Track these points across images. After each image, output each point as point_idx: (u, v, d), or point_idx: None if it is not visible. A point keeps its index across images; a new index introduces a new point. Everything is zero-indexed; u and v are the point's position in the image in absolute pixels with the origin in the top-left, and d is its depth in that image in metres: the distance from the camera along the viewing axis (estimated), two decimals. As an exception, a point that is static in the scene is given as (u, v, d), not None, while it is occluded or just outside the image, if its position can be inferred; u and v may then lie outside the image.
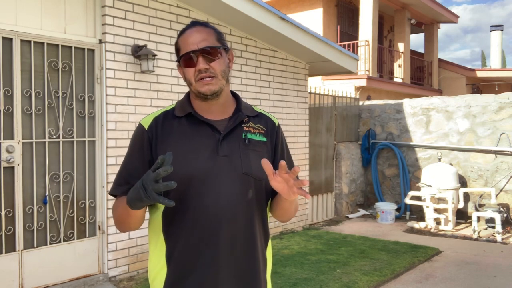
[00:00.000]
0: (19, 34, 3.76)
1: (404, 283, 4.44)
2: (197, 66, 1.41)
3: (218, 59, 1.44)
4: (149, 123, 1.48)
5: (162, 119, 1.49)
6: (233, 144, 1.45)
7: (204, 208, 1.38)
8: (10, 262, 3.73)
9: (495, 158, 7.03)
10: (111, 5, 4.26)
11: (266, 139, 1.53)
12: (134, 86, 4.45)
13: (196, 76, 1.43)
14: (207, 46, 1.42)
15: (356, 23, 12.85)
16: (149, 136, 1.46)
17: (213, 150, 1.42)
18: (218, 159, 1.41)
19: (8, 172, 3.74)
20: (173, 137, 1.45)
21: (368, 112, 8.48)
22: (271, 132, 1.56)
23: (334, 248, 5.55)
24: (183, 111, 1.49)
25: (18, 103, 3.77)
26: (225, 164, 1.42)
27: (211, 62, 1.42)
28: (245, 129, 1.49)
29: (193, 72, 1.43)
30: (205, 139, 1.44)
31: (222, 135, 1.44)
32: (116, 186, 1.49)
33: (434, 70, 15.38)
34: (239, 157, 1.43)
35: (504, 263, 5.06)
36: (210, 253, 1.39)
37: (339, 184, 7.80)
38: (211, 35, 1.46)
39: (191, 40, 1.43)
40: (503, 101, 7.02)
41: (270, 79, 6.09)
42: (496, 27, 20.07)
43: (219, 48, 1.45)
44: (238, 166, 1.42)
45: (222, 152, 1.42)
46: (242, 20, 5.27)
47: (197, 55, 1.42)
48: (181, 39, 1.47)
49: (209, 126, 1.45)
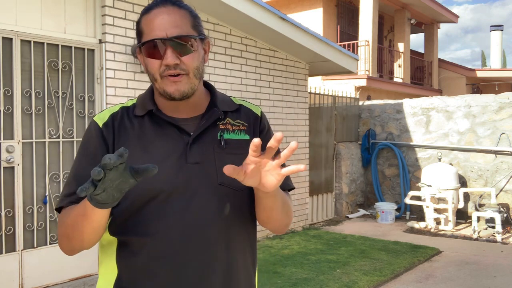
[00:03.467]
0: (19, 34, 3.76)
1: (404, 283, 4.44)
2: (164, 60, 1.10)
3: (192, 52, 1.13)
4: (105, 120, 1.19)
5: (120, 117, 1.20)
6: (206, 147, 1.16)
7: (169, 231, 1.09)
8: (10, 262, 3.73)
9: (495, 158, 7.03)
10: (111, 5, 4.26)
11: (249, 136, 1.23)
12: (134, 86, 4.45)
13: (162, 72, 1.12)
14: (179, 35, 1.10)
15: (356, 23, 12.85)
16: (105, 136, 1.17)
17: (181, 156, 1.14)
18: (187, 168, 1.13)
19: (8, 172, 3.74)
20: (131, 142, 1.15)
21: (368, 112, 8.48)
22: (254, 126, 1.26)
23: (334, 248, 5.55)
24: (143, 109, 1.20)
25: (18, 103, 3.77)
26: (196, 173, 1.13)
27: (182, 56, 1.11)
28: (221, 128, 1.20)
29: (158, 65, 1.12)
30: (170, 144, 1.15)
31: (191, 138, 1.16)
32: (64, 198, 1.15)
33: (434, 70, 15.38)
34: (213, 163, 1.14)
35: (504, 263, 5.06)
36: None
37: (339, 184, 7.80)
38: (185, 19, 1.14)
39: (159, 23, 1.11)
40: (503, 101, 7.02)
41: (270, 79, 6.09)
42: (496, 27, 20.07)
43: (194, 38, 1.14)
44: (212, 175, 1.12)
45: (192, 159, 1.13)
46: (242, 20, 5.26)
47: (166, 45, 1.10)
48: (145, 19, 1.14)
49: (176, 127, 1.17)
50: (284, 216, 1.20)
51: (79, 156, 1.19)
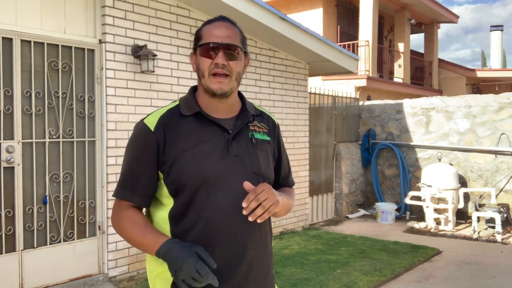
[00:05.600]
0: (19, 34, 3.76)
1: (404, 283, 4.44)
2: (216, 59, 1.37)
3: (238, 60, 1.40)
4: (155, 123, 1.41)
5: (169, 119, 1.43)
6: (242, 143, 1.43)
7: (218, 208, 1.36)
8: (10, 262, 3.73)
9: (495, 158, 7.03)
10: (111, 5, 4.26)
11: (270, 138, 1.53)
12: (134, 86, 4.45)
13: (211, 70, 1.38)
14: (231, 43, 1.38)
15: (356, 23, 12.85)
16: (157, 139, 1.40)
17: (224, 150, 1.40)
18: (229, 159, 1.40)
19: (8, 172, 3.74)
20: (182, 138, 1.40)
21: (368, 112, 8.48)
22: (273, 131, 1.56)
23: (334, 248, 5.55)
24: (190, 110, 1.43)
25: (18, 103, 3.77)
26: (236, 164, 1.40)
27: (230, 60, 1.38)
28: (251, 129, 1.48)
29: (209, 64, 1.38)
30: (215, 139, 1.41)
31: (231, 135, 1.42)
32: (121, 189, 1.45)
33: (434, 70, 15.38)
34: (249, 157, 1.42)
35: (504, 263, 5.06)
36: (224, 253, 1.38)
37: (339, 184, 7.80)
38: (237, 34, 1.42)
39: (217, 32, 1.39)
40: (503, 101, 7.02)
41: (270, 79, 6.09)
42: (496, 27, 20.06)
43: (241, 49, 1.42)
44: (248, 166, 1.41)
45: (233, 152, 1.41)
46: (242, 20, 5.26)
47: (219, 48, 1.37)
48: (206, 28, 1.42)
49: (218, 126, 1.42)
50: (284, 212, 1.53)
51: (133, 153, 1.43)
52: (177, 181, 1.37)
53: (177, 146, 1.39)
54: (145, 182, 1.41)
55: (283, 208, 1.45)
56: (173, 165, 1.37)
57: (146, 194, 1.43)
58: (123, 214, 1.42)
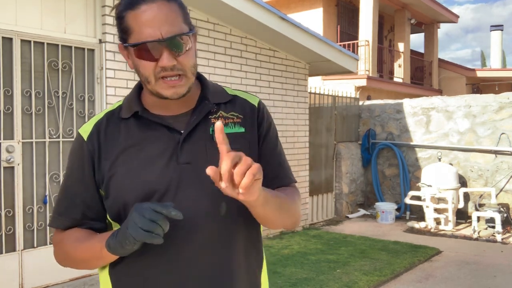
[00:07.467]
0: (19, 34, 3.76)
1: (404, 283, 4.44)
2: (161, 62, 1.02)
3: (188, 51, 1.05)
4: (89, 131, 1.14)
5: (105, 124, 1.15)
6: (198, 145, 1.10)
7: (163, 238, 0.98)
8: (10, 262, 3.73)
9: (495, 158, 7.03)
10: (111, 5, 4.25)
11: (245, 128, 1.16)
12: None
13: (158, 73, 1.04)
14: (174, 34, 1.02)
15: (356, 23, 12.84)
16: (90, 149, 1.12)
17: (172, 157, 1.08)
18: (179, 169, 1.07)
19: (8, 172, 3.74)
20: (118, 147, 1.11)
21: (368, 112, 8.48)
22: (251, 118, 1.18)
23: (334, 248, 5.55)
24: (129, 111, 1.14)
25: (18, 103, 3.77)
26: (188, 174, 1.07)
27: (179, 56, 1.04)
28: (213, 122, 1.13)
29: (153, 67, 1.03)
30: (161, 144, 1.09)
31: (182, 136, 1.09)
32: (57, 216, 1.16)
33: (434, 70, 15.38)
34: (206, 161, 1.00)
35: (504, 263, 5.06)
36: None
37: (339, 184, 7.80)
38: (176, 13, 1.05)
39: (151, 20, 1.01)
40: (503, 101, 7.02)
41: (270, 79, 6.09)
42: (496, 27, 20.06)
43: (188, 35, 1.05)
44: (205, 175, 0.93)
45: (184, 159, 1.07)
46: (242, 20, 5.26)
47: (162, 46, 1.01)
48: (133, 15, 1.03)
49: (165, 127, 1.11)
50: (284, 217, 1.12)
51: (67, 171, 1.17)
52: (115, 204, 1.08)
53: (112, 157, 1.10)
54: (80, 205, 1.13)
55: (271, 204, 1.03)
56: (109, 182, 1.09)
57: (89, 218, 1.14)
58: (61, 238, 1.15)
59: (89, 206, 1.13)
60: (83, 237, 1.10)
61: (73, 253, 1.11)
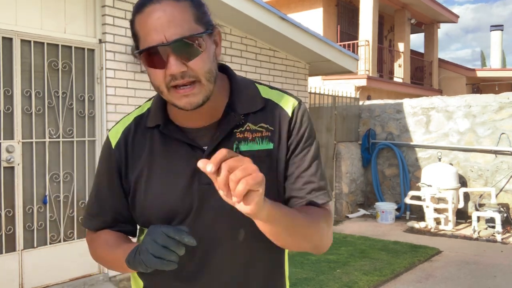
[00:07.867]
0: (19, 34, 3.76)
1: (404, 283, 4.44)
2: (168, 70, 0.91)
3: (200, 55, 0.93)
4: (117, 139, 1.10)
5: (133, 132, 1.09)
6: None
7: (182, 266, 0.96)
8: (10, 262, 3.73)
9: (495, 158, 7.03)
10: (111, 5, 4.25)
11: (273, 144, 1.03)
12: (134, 86, 4.44)
13: (168, 82, 0.93)
14: (180, 36, 0.90)
15: (356, 23, 12.84)
16: (117, 159, 1.09)
17: (193, 177, 1.00)
18: (199, 190, 1.00)
19: (8, 172, 3.74)
20: (143, 162, 1.05)
21: (368, 112, 8.48)
22: (281, 130, 1.04)
23: (334, 248, 5.55)
24: (154, 121, 1.07)
25: (18, 103, 3.77)
26: (209, 195, 0.99)
27: (189, 61, 0.92)
28: (238, 137, 1.02)
29: (163, 75, 0.93)
30: (183, 162, 1.02)
31: (205, 154, 1.00)
32: (89, 217, 1.18)
33: (434, 70, 15.38)
34: None
35: (504, 263, 5.06)
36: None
37: (339, 184, 7.80)
38: (186, 13, 0.92)
39: (154, 24, 0.91)
40: (503, 101, 7.02)
41: (270, 79, 6.09)
42: (496, 27, 20.06)
43: (200, 36, 0.92)
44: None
45: (206, 179, 0.92)
46: (242, 20, 5.26)
47: (167, 51, 0.90)
48: (139, 19, 0.94)
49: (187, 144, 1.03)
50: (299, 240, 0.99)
51: (98, 172, 1.16)
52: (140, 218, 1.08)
53: (137, 173, 1.06)
54: (113, 211, 1.13)
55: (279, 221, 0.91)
56: (134, 199, 1.08)
57: (120, 221, 1.14)
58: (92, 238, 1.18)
59: (119, 212, 1.13)
60: (112, 242, 1.10)
61: (102, 255, 1.13)
